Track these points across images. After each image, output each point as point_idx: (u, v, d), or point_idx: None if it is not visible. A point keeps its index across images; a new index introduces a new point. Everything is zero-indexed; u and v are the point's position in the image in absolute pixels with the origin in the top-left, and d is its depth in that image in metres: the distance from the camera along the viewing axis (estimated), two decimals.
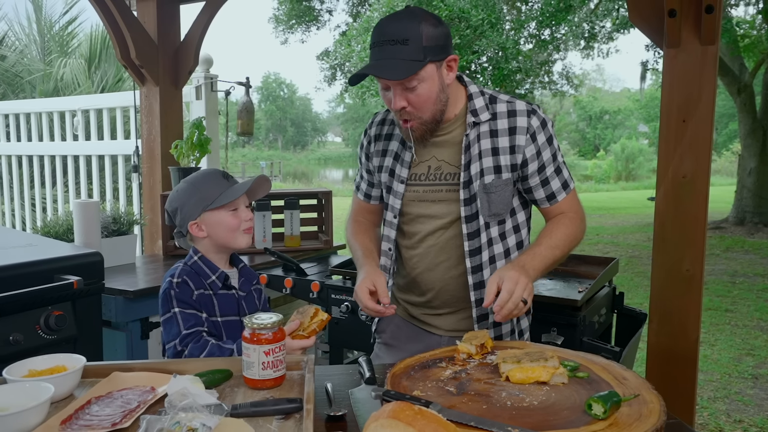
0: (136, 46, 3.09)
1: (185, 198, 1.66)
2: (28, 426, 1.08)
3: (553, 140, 1.58)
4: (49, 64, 7.61)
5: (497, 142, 1.56)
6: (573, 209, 1.63)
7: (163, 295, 1.64)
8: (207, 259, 1.69)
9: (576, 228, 1.61)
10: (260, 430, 1.12)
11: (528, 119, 1.54)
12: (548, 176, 1.59)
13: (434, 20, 1.47)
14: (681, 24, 1.91)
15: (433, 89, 1.48)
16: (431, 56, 1.44)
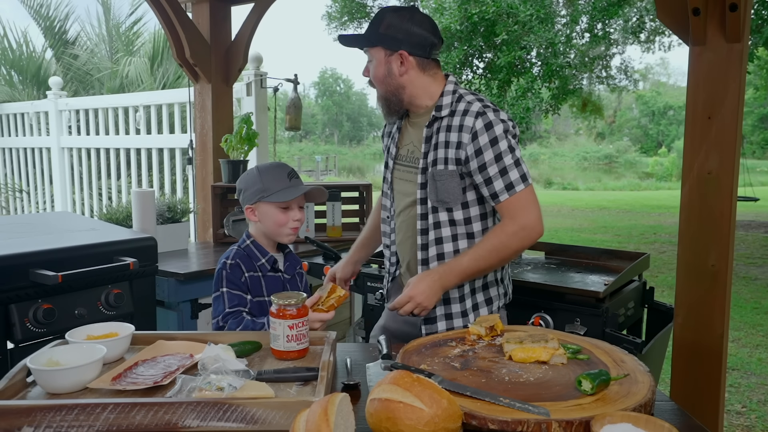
0: (190, 46, 3.31)
1: (250, 183, 1.81)
2: (84, 379, 1.26)
3: (498, 142, 1.68)
4: (116, 63, 8.08)
5: (449, 136, 1.73)
6: (513, 214, 1.69)
7: (217, 275, 1.79)
8: (258, 243, 1.84)
9: (507, 238, 1.69)
10: (281, 393, 1.26)
11: (474, 120, 1.69)
12: (491, 176, 1.69)
13: (403, 17, 1.74)
14: (706, 22, 1.93)
15: (380, 70, 1.78)
16: (383, 43, 1.75)
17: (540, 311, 2.23)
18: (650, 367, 2.24)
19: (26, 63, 8.19)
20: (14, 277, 2.04)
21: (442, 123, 1.75)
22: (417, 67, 1.76)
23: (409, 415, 1.05)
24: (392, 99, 1.80)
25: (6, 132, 6.36)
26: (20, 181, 6.37)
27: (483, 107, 1.71)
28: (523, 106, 7.44)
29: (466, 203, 1.76)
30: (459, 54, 7.56)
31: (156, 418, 1.13)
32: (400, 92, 1.79)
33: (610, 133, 41.64)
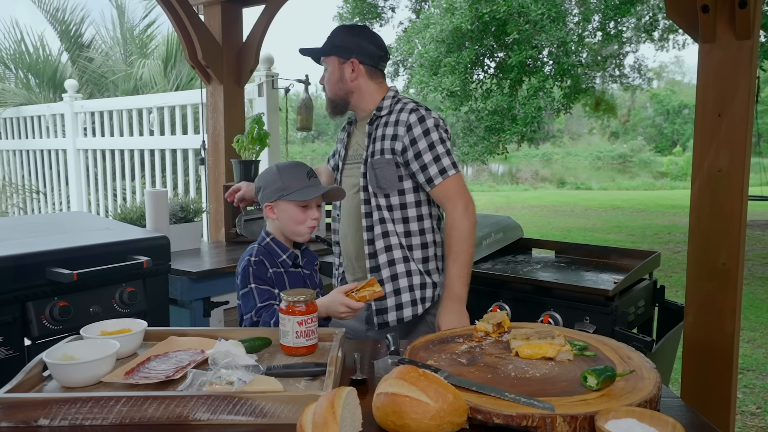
0: (202, 48, 3.35)
1: (269, 181, 1.83)
2: (98, 374, 1.29)
3: (430, 133, 1.94)
4: (130, 65, 8.18)
5: (386, 130, 1.99)
6: (453, 194, 1.95)
7: (243, 272, 1.80)
8: (278, 240, 1.86)
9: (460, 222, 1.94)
10: (289, 388, 1.28)
11: (408, 114, 1.96)
12: (426, 163, 1.94)
13: (353, 32, 2.05)
14: (715, 19, 1.92)
15: (334, 75, 2.05)
16: (336, 53, 2.03)
17: (549, 309, 2.24)
18: (660, 366, 2.24)
19: (43, 66, 8.32)
20: (31, 275, 2.08)
21: (381, 120, 2.02)
22: (366, 75, 2.04)
23: (414, 409, 1.06)
24: (339, 101, 2.08)
25: (23, 134, 6.46)
26: (37, 183, 6.47)
27: (417, 106, 2.00)
28: (534, 105, 7.42)
29: (402, 190, 2.00)
30: (470, 54, 7.55)
31: (167, 411, 1.15)
32: (348, 96, 2.06)
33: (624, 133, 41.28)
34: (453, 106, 8.36)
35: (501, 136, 8.00)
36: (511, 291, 2.37)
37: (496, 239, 2.80)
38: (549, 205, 14.30)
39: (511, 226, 2.97)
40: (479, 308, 2.38)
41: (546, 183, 22.22)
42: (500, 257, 2.84)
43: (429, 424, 1.06)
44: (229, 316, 2.86)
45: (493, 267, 2.64)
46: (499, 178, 25.39)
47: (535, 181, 22.60)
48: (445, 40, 7.66)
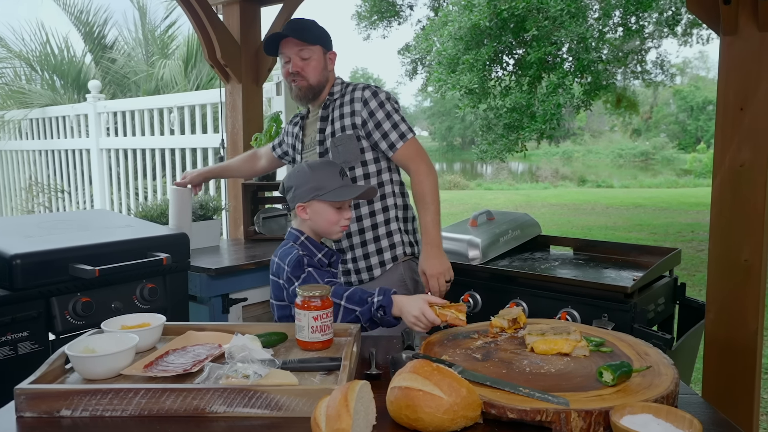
0: (221, 47, 3.38)
1: (302, 180, 1.77)
2: (118, 366, 1.31)
3: (384, 105, 2.14)
4: (151, 65, 8.28)
5: (343, 109, 2.17)
6: (414, 154, 2.15)
7: (296, 261, 1.70)
8: (312, 239, 1.81)
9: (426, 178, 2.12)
10: (304, 382, 1.29)
11: (362, 92, 2.15)
12: (386, 130, 2.13)
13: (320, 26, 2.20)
14: (738, 11, 1.89)
15: (319, 63, 2.17)
16: (320, 43, 2.16)
17: (567, 306, 2.22)
18: (681, 364, 2.21)
19: (67, 68, 8.47)
20: (55, 271, 2.13)
21: (336, 103, 2.20)
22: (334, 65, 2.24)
23: (428, 403, 1.07)
24: (318, 88, 2.19)
25: (48, 134, 6.59)
26: (62, 182, 6.59)
27: (367, 84, 2.20)
28: (554, 102, 7.34)
29: (365, 161, 2.18)
30: (488, 51, 7.50)
31: (185, 403, 1.17)
32: (324, 84, 2.21)
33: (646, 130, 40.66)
34: (471, 104, 8.31)
35: (520, 134, 7.94)
36: (529, 288, 2.35)
37: (513, 236, 2.78)
38: (569, 204, 14.15)
39: (529, 223, 2.95)
40: (496, 305, 2.37)
41: (566, 181, 21.99)
42: (518, 254, 2.82)
43: (442, 418, 1.06)
44: (248, 313, 2.89)
45: (511, 264, 2.63)
46: (518, 176, 25.21)
47: (555, 180, 22.38)
48: (464, 38, 7.61)
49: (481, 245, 2.56)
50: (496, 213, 2.92)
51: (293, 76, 2.17)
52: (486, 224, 2.78)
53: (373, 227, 2.19)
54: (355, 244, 2.20)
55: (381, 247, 2.19)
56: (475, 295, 2.48)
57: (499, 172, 24.74)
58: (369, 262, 2.19)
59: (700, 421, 1.00)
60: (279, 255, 1.80)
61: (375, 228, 2.19)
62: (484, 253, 2.57)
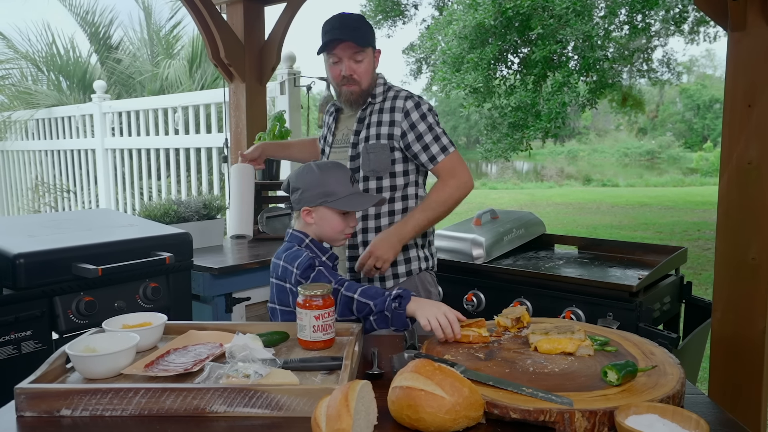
0: (225, 46, 3.38)
1: (311, 184, 1.70)
2: (119, 365, 1.31)
3: (427, 117, 2.04)
4: (156, 66, 8.30)
5: (382, 116, 2.06)
6: (453, 170, 2.03)
7: (307, 262, 1.63)
8: (316, 242, 1.76)
9: (449, 190, 2.02)
10: (305, 381, 1.28)
11: (404, 101, 2.04)
12: (428, 143, 2.03)
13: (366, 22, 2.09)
14: (746, 6, 1.86)
15: (370, 66, 2.07)
16: (372, 44, 2.06)
17: (572, 305, 2.21)
18: (687, 363, 2.19)
19: (73, 68, 8.50)
20: (58, 270, 2.13)
21: (375, 107, 2.09)
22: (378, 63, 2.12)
23: (430, 402, 1.06)
24: (368, 92, 2.10)
25: (54, 135, 6.61)
26: (68, 182, 6.61)
27: (410, 93, 2.08)
28: (559, 100, 7.29)
29: (394, 173, 2.08)
30: (493, 50, 7.47)
31: (185, 403, 1.16)
32: (373, 86, 2.10)
33: (652, 128, 40.45)
34: (476, 103, 8.28)
35: (525, 133, 7.90)
36: (533, 287, 2.34)
37: (517, 235, 2.76)
38: (574, 203, 14.10)
39: (533, 222, 2.93)
40: (500, 304, 2.36)
41: (571, 180, 21.90)
42: (522, 253, 2.80)
43: (444, 418, 1.05)
44: (251, 312, 2.88)
45: (515, 263, 2.61)
46: (523, 175, 25.13)
47: (560, 179, 22.30)
48: (468, 36, 7.58)
49: (485, 244, 2.55)
50: (500, 212, 2.91)
51: (345, 80, 2.04)
52: (490, 223, 2.76)
53: None
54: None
55: (396, 260, 2.06)
56: (478, 294, 2.46)
57: (503, 171, 24.68)
58: (383, 274, 2.08)
59: (707, 422, 0.99)
60: (285, 258, 1.71)
61: None
62: (488, 252, 2.55)
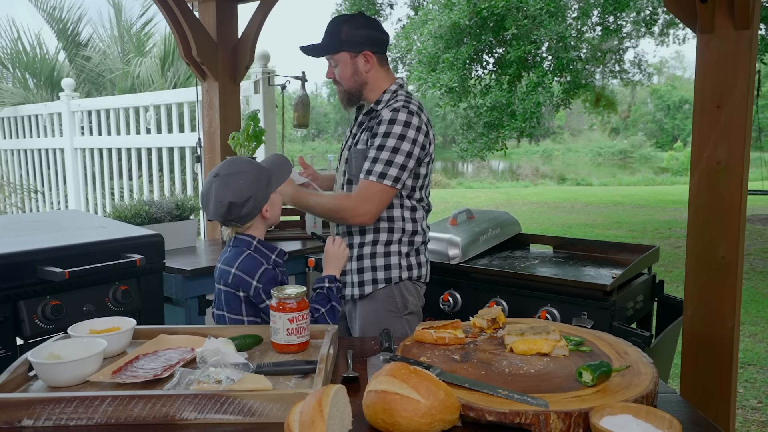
0: (197, 45, 3.32)
1: (258, 185, 1.71)
2: (84, 373, 1.26)
3: (389, 137, 1.94)
4: (127, 63, 8.14)
5: (372, 123, 2.03)
6: (359, 193, 1.98)
7: (270, 281, 1.69)
8: (263, 242, 1.79)
9: (343, 209, 1.99)
10: (279, 386, 1.26)
11: (390, 112, 1.97)
12: (368, 156, 1.98)
13: (357, 23, 2.04)
14: (714, 9, 1.89)
15: (347, 70, 2.05)
16: (346, 48, 2.02)
17: (547, 305, 2.21)
18: (660, 361, 2.21)
19: (40, 65, 8.29)
20: (22, 273, 2.06)
21: (375, 113, 2.06)
22: (377, 64, 2.06)
23: (405, 406, 1.04)
24: (354, 93, 2.09)
25: (21, 133, 6.44)
26: (35, 182, 6.45)
27: (403, 105, 1.98)
28: (533, 100, 7.37)
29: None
30: (468, 50, 7.51)
31: (154, 410, 1.13)
32: (363, 87, 2.08)
33: (624, 128, 41.13)
34: (451, 103, 8.32)
35: (500, 132, 7.96)
36: (509, 287, 2.34)
37: (493, 235, 2.77)
38: (549, 202, 14.26)
39: (509, 221, 2.94)
40: (476, 304, 2.36)
41: (546, 179, 22.15)
42: (498, 253, 2.81)
43: (420, 422, 1.04)
44: None
45: (491, 263, 2.62)
46: (499, 175, 25.33)
47: (535, 178, 22.53)
48: (444, 36, 7.62)
49: (461, 244, 2.55)
50: (476, 211, 2.91)
51: (334, 83, 2.13)
52: (466, 223, 2.76)
53: (373, 243, 2.06)
54: (352, 257, 2.09)
55: (376, 265, 2.06)
56: (454, 294, 2.46)
57: (479, 171, 24.85)
58: (362, 277, 2.07)
59: (680, 421, 0.99)
60: (239, 267, 1.71)
61: (374, 244, 2.06)
62: (464, 252, 2.55)
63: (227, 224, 1.76)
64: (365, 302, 2.08)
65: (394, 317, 2.06)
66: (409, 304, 2.10)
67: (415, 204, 2.10)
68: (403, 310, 2.09)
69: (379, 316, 2.05)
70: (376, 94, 2.08)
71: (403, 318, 2.08)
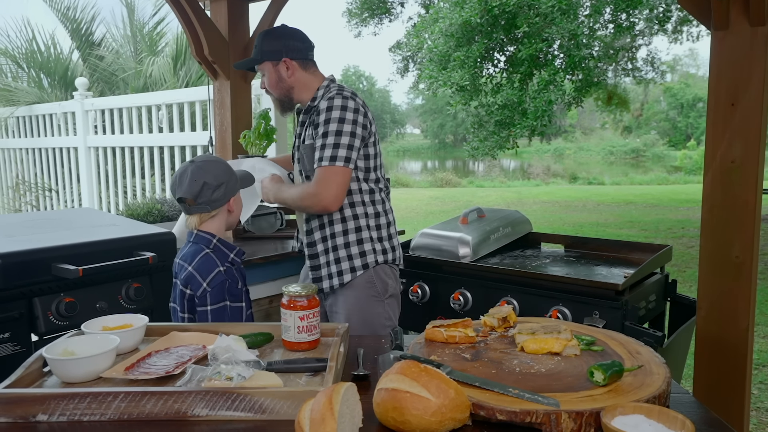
0: (209, 44, 3.33)
1: (227, 176, 1.82)
2: (98, 369, 1.28)
3: (331, 122, 2.01)
4: (140, 63, 8.20)
5: (312, 117, 2.11)
6: (317, 181, 2.02)
7: (219, 287, 1.74)
8: (223, 240, 1.83)
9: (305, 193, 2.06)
10: (290, 384, 1.26)
11: (327, 101, 2.04)
12: (317, 146, 2.03)
13: (276, 35, 2.17)
14: (729, 5, 1.87)
15: (272, 78, 2.18)
16: (267, 57, 2.15)
17: (558, 304, 2.21)
18: (672, 361, 2.19)
19: (54, 65, 8.36)
20: (37, 271, 2.08)
21: (314, 109, 2.12)
22: (300, 68, 2.15)
23: (415, 404, 1.04)
24: (285, 99, 2.20)
25: (35, 132, 6.51)
26: (49, 181, 6.51)
27: (337, 93, 2.06)
28: (545, 99, 7.32)
29: None
30: (479, 48, 7.47)
31: (166, 406, 1.14)
32: (290, 92, 2.18)
33: (637, 127, 40.82)
34: (463, 101, 8.29)
35: (511, 131, 7.92)
36: (519, 286, 2.33)
37: (504, 234, 2.76)
38: (561, 201, 14.18)
39: (520, 220, 2.93)
40: (487, 303, 2.35)
41: (558, 178, 22.03)
42: (509, 252, 2.80)
43: (430, 420, 1.04)
44: None
45: (501, 262, 2.61)
46: (510, 173, 25.23)
47: (546, 177, 22.41)
48: (455, 34, 7.59)
49: (471, 243, 2.54)
50: (487, 210, 2.90)
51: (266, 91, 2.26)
52: (477, 222, 2.76)
53: (344, 233, 2.11)
54: (326, 249, 2.14)
55: (351, 253, 2.11)
56: (465, 293, 2.46)
57: (490, 170, 24.76)
58: (339, 267, 2.11)
59: (693, 421, 0.98)
60: (194, 265, 1.76)
61: (345, 234, 2.11)
62: (474, 251, 2.54)
63: (193, 211, 1.81)
64: (346, 290, 2.12)
65: (376, 302, 2.12)
66: (389, 288, 2.15)
67: (372, 186, 2.16)
68: (384, 294, 2.14)
69: (361, 302, 2.10)
70: (309, 94, 2.17)
71: (384, 302, 2.14)
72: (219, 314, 1.74)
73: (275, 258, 2.95)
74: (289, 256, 3.02)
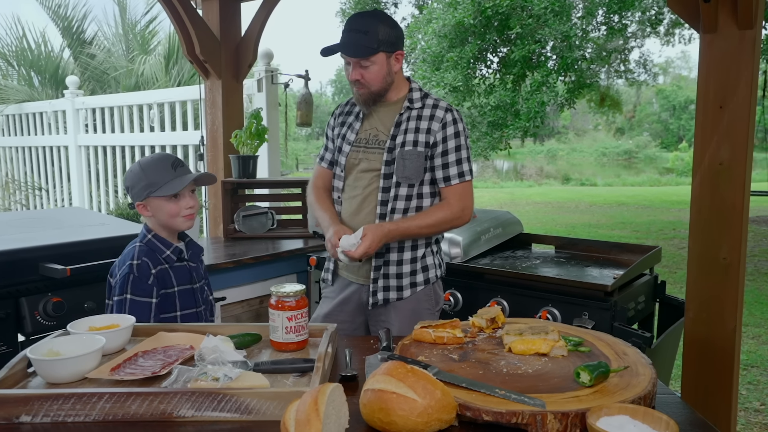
0: (200, 43, 3.32)
1: (135, 180, 1.80)
2: (83, 369, 1.27)
3: (460, 135, 2.00)
4: (131, 61, 8.16)
5: (420, 123, 2.00)
6: (459, 198, 2.00)
7: (122, 279, 1.74)
8: (159, 236, 1.83)
9: (449, 215, 1.99)
10: (277, 384, 1.26)
11: (445, 113, 1.99)
12: (449, 162, 1.99)
13: (391, 22, 1.98)
14: (717, 9, 1.88)
15: (381, 71, 1.97)
16: (383, 48, 1.93)
17: (548, 305, 2.21)
18: (660, 362, 2.21)
19: (45, 63, 8.32)
20: (24, 270, 2.07)
21: (413, 113, 2.02)
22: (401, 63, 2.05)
23: (401, 405, 1.04)
24: (381, 94, 2.02)
25: (26, 131, 6.47)
26: (39, 179, 6.47)
27: (450, 106, 2.02)
28: (537, 100, 7.35)
29: (423, 181, 2.02)
30: (473, 49, 7.49)
31: (151, 407, 1.13)
32: (389, 87, 2.02)
33: (629, 129, 41.00)
34: (456, 102, 8.31)
35: (504, 132, 7.95)
36: (510, 286, 2.34)
37: (495, 234, 2.77)
38: (553, 202, 14.23)
39: (511, 221, 2.94)
40: (478, 304, 2.35)
41: (550, 179, 22.10)
42: (499, 252, 2.81)
43: (416, 421, 1.03)
44: (226, 312, 2.84)
45: (492, 262, 2.61)
46: (503, 174, 25.29)
47: (539, 178, 22.49)
48: (448, 35, 7.61)
49: (462, 243, 2.54)
50: (478, 211, 2.90)
51: (355, 83, 2.00)
52: (468, 222, 2.76)
53: (413, 248, 2.03)
54: (392, 261, 2.03)
55: (416, 268, 2.03)
56: (455, 293, 2.46)
57: (483, 170, 24.80)
58: (401, 282, 2.03)
59: (677, 422, 0.99)
60: (123, 254, 1.82)
61: (414, 249, 2.03)
62: (465, 252, 2.55)
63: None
64: (403, 303, 2.05)
65: (429, 314, 2.07)
66: (440, 300, 2.13)
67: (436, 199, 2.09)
68: (435, 306, 2.12)
69: (416, 316, 1.99)
70: (397, 93, 2.04)
71: (435, 314, 2.11)
72: (120, 307, 1.73)
73: (266, 258, 2.95)
74: (279, 257, 3.01)
